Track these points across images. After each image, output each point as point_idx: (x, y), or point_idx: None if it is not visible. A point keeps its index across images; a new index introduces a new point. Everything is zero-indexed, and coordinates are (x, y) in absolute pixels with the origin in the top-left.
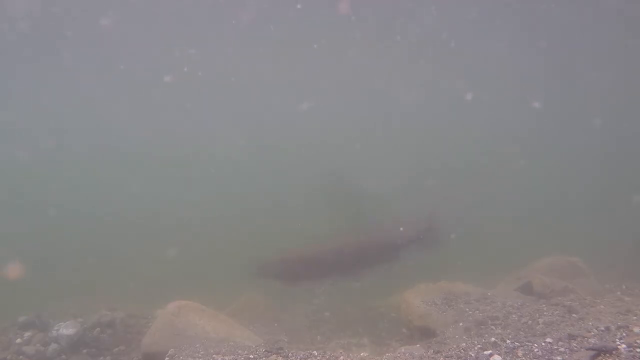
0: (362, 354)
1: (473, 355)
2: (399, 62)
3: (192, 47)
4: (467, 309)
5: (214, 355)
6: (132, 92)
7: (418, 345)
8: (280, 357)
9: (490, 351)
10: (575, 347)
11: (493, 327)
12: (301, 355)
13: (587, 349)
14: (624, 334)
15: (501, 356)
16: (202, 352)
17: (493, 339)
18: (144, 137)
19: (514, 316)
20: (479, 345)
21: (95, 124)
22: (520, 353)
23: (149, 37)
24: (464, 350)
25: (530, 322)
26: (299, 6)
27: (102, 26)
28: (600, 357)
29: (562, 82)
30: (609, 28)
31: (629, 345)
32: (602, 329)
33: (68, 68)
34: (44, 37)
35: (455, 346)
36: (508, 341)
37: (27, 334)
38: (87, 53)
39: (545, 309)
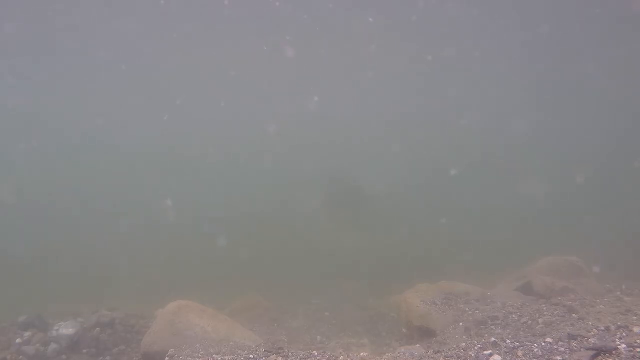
0: (362, 354)
1: (473, 355)
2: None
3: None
4: (467, 309)
5: (214, 355)
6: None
7: (418, 345)
8: (280, 357)
9: (490, 351)
10: (575, 347)
11: (493, 327)
12: (301, 355)
13: (587, 349)
14: (624, 334)
15: (501, 356)
16: (202, 352)
17: (493, 339)
18: (154, 136)
19: (514, 316)
20: (479, 345)
21: (109, 122)
22: (520, 353)
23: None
24: (464, 350)
25: (530, 322)
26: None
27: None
28: (600, 357)
29: (561, 79)
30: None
31: (629, 345)
32: (602, 329)
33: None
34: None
35: (455, 346)
36: (508, 341)
37: (27, 334)
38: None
39: (545, 309)
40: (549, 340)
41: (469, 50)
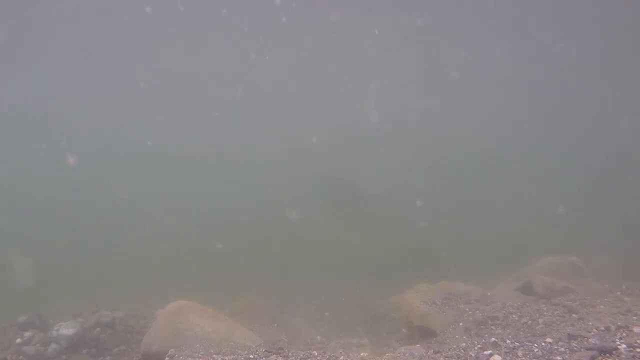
0: (362, 354)
1: (473, 355)
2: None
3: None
4: (467, 309)
5: (214, 355)
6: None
7: (418, 345)
8: (280, 357)
9: (490, 351)
10: (575, 347)
11: (493, 327)
12: (301, 355)
13: (587, 349)
14: (624, 334)
15: (501, 356)
16: (202, 352)
17: (493, 339)
18: (152, 138)
19: (514, 316)
20: (479, 345)
21: (107, 123)
22: (520, 353)
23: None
24: (464, 350)
25: (530, 322)
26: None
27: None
28: (600, 357)
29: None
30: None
31: (629, 345)
32: (602, 329)
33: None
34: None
35: (455, 346)
36: (508, 341)
37: (27, 334)
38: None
39: (545, 309)
40: (549, 340)
41: (468, 51)
